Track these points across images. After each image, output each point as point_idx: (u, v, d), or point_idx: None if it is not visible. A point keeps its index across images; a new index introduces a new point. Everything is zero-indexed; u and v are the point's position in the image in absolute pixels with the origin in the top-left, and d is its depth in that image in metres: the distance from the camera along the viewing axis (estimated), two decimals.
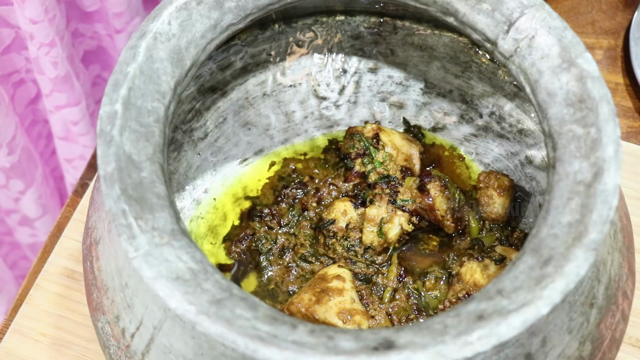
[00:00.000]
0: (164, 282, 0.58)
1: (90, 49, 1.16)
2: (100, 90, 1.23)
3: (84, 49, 1.15)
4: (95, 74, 1.20)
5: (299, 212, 0.87)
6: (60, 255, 0.94)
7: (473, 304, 0.58)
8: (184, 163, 0.86)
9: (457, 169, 0.89)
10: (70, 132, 1.12)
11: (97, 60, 1.18)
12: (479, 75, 0.86)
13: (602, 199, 0.60)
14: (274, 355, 0.55)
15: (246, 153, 0.89)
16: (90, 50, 1.16)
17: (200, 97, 0.85)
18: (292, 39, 0.88)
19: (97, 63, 1.19)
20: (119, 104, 0.64)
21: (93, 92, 1.22)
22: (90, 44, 1.15)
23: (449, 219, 0.84)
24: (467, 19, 0.71)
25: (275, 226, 0.87)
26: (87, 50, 1.16)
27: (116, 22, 1.09)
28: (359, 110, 0.91)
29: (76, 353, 0.89)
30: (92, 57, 1.18)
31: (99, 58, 1.18)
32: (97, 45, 1.15)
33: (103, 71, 1.20)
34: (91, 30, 1.12)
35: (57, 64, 1.01)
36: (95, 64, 1.19)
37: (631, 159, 0.99)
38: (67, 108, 1.08)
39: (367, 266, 0.84)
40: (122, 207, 0.60)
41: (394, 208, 0.84)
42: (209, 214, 0.87)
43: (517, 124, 0.86)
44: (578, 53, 0.66)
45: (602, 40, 1.10)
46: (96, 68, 1.19)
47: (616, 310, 0.70)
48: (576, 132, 0.63)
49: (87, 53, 1.16)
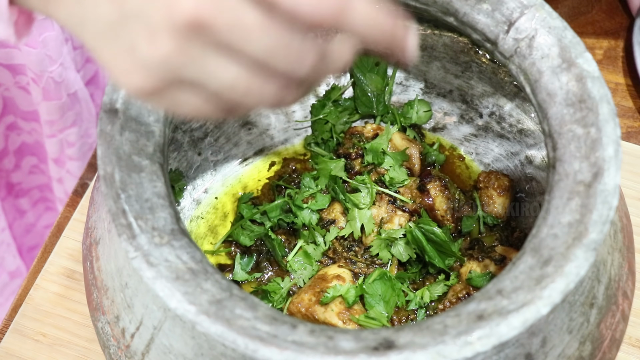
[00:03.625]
0: (164, 282, 0.58)
1: (29, 142, 1.17)
2: (38, 179, 1.24)
3: (21, 140, 1.16)
4: (32, 164, 1.21)
5: None
6: (60, 255, 0.94)
7: (473, 304, 0.58)
8: (184, 163, 0.86)
9: (457, 169, 0.89)
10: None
11: (35, 152, 1.19)
12: (479, 75, 0.86)
13: (602, 199, 0.60)
14: (274, 355, 0.55)
15: (246, 153, 0.89)
16: (29, 143, 1.17)
17: None
18: None
19: (34, 155, 1.19)
20: (119, 103, 0.64)
21: (29, 180, 1.22)
22: (29, 137, 1.16)
23: (449, 219, 0.84)
24: (467, 19, 0.71)
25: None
26: (25, 142, 1.17)
27: (47, 128, 1.09)
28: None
29: (76, 353, 0.89)
30: (30, 149, 1.18)
31: (37, 150, 1.18)
32: (35, 141, 1.16)
33: (41, 163, 1.21)
34: (29, 126, 1.13)
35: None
36: (33, 155, 1.19)
37: (631, 159, 0.99)
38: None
39: (367, 266, 0.84)
40: (122, 207, 0.60)
41: (394, 208, 0.84)
42: (209, 214, 0.87)
43: (517, 124, 0.86)
44: (578, 53, 0.66)
45: (602, 40, 1.10)
46: (33, 159, 1.20)
47: (616, 310, 0.70)
48: (576, 132, 0.63)
49: (25, 144, 1.17)
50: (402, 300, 0.81)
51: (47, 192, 1.25)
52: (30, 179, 1.22)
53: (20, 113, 1.11)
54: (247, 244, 0.85)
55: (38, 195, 1.25)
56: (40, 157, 1.19)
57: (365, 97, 0.89)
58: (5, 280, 1.20)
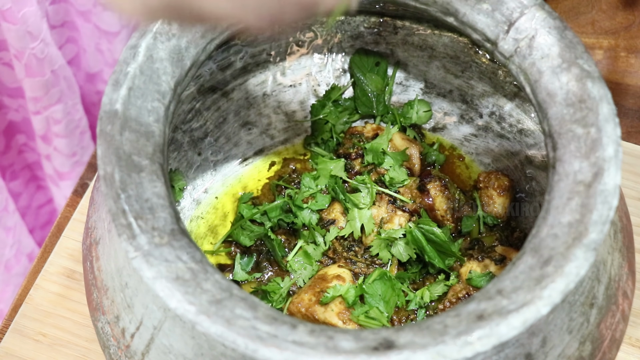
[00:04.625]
0: (164, 282, 0.58)
1: (16, 120, 1.16)
2: (28, 158, 1.23)
3: (9, 120, 1.16)
4: (22, 143, 1.21)
5: None
6: (60, 255, 0.94)
7: (473, 304, 0.58)
8: (184, 163, 0.86)
9: (457, 169, 0.89)
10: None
11: (23, 130, 1.18)
12: (479, 75, 0.86)
13: (602, 199, 0.60)
14: (274, 355, 0.55)
15: (246, 153, 0.89)
16: (16, 121, 1.16)
17: (200, 97, 0.85)
18: (292, 39, 0.88)
19: (23, 133, 1.19)
20: (118, 103, 0.64)
21: (19, 160, 1.22)
22: (16, 115, 1.15)
23: (449, 219, 0.84)
24: (467, 19, 0.71)
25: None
26: (12, 121, 1.16)
27: (32, 105, 1.09)
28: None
29: (76, 353, 0.89)
30: (18, 127, 1.18)
31: (26, 128, 1.18)
32: (23, 117, 1.16)
33: (30, 141, 1.20)
34: (16, 103, 1.13)
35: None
36: (22, 133, 1.19)
37: (631, 159, 0.99)
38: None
39: (367, 266, 0.84)
40: (122, 207, 0.60)
41: (394, 208, 0.84)
42: (209, 214, 0.87)
43: (517, 124, 0.86)
44: (578, 53, 0.66)
45: (602, 40, 1.10)
46: (22, 137, 1.20)
47: (616, 310, 0.70)
48: (576, 132, 0.63)
49: (13, 123, 1.17)
50: (402, 300, 0.81)
51: (37, 170, 1.25)
52: (21, 159, 1.22)
53: (6, 90, 1.10)
54: (247, 244, 0.85)
55: (29, 175, 1.24)
56: (29, 135, 1.19)
57: (365, 97, 0.89)
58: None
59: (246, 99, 0.88)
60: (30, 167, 1.24)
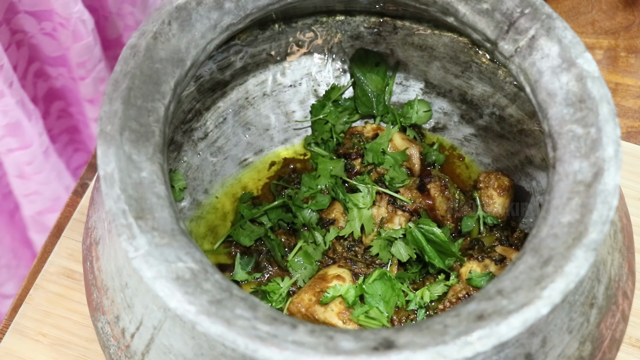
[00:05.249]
0: (164, 282, 0.58)
1: (55, 87, 1.18)
2: (66, 123, 1.25)
3: (48, 86, 1.17)
4: (60, 108, 1.22)
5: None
6: (60, 255, 0.94)
7: (473, 304, 0.58)
8: (184, 163, 0.86)
9: (457, 169, 0.89)
10: (24, 171, 1.14)
11: (62, 96, 1.21)
12: (479, 75, 0.86)
13: (602, 199, 0.60)
14: (274, 355, 0.55)
15: (246, 153, 0.89)
16: (55, 87, 1.18)
17: (200, 97, 0.85)
18: (292, 39, 0.88)
19: (62, 99, 1.21)
20: (118, 103, 0.64)
21: (57, 125, 1.24)
22: (55, 83, 1.17)
23: (449, 219, 0.84)
24: (467, 19, 0.71)
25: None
26: (51, 87, 1.18)
27: (81, 71, 1.10)
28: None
29: (76, 353, 0.89)
30: (57, 94, 1.20)
31: (64, 95, 1.20)
32: (62, 85, 1.17)
33: (69, 106, 1.22)
34: (56, 72, 1.15)
35: (7, 112, 1.02)
36: (60, 100, 1.21)
37: (631, 159, 0.99)
38: (18, 151, 1.10)
39: (367, 266, 0.84)
40: (122, 207, 0.60)
41: (394, 208, 0.84)
42: (209, 214, 0.87)
43: (517, 124, 0.86)
44: (578, 53, 0.66)
45: (602, 40, 1.10)
46: (61, 103, 1.22)
47: (616, 310, 0.70)
48: (576, 132, 0.63)
49: (52, 89, 1.19)
50: (402, 300, 0.81)
51: (75, 134, 1.27)
52: (59, 124, 1.24)
53: (47, 59, 1.12)
54: (247, 244, 0.85)
55: (67, 139, 1.27)
56: (68, 100, 1.21)
57: (365, 97, 0.89)
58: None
59: (246, 99, 0.88)
60: (69, 130, 1.26)
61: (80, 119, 1.24)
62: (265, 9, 0.73)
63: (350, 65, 0.89)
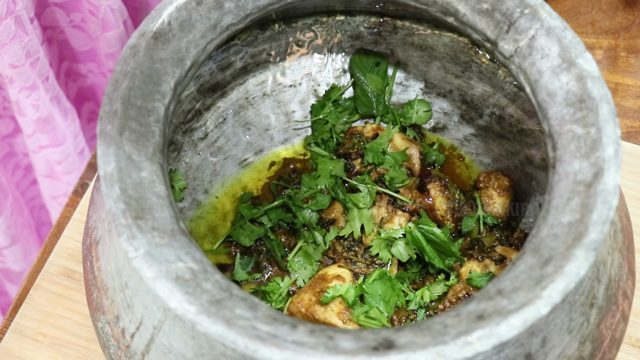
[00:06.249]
0: (164, 282, 0.58)
1: (85, 86, 1.17)
2: (95, 127, 1.24)
3: (78, 87, 1.16)
4: (90, 110, 1.21)
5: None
6: (60, 255, 0.94)
7: (473, 304, 0.58)
8: (183, 163, 0.86)
9: (457, 169, 0.89)
10: (54, 170, 1.13)
11: (92, 97, 1.20)
12: (479, 75, 0.86)
13: (602, 199, 0.60)
14: (274, 355, 0.55)
15: (246, 153, 0.89)
16: (85, 87, 1.17)
17: (200, 97, 0.85)
18: (292, 39, 0.88)
19: (92, 100, 1.20)
20: (119, 103, 0.64)
21: (88, 128, 1.23)
22: (84, 81, 1.16)
23: (449, 219, 0.84)
24: (467, 19, 0.71)
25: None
26: (81, 87, 1.17)
27: (110, 62, 1.10)
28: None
29: (76, 353, 0.89)
30: (87, 94, 1.19)
31: (94, 95, 1.19)
32: (92, 83, 1.16)
33: (98, 107, 1.21)
34: (85, 69, 1.14)
35: (38, 106, 1.02)
36: (90, 100, 1.20)
37: (631, 159, 0.99)
38: (49, 148, 1.09)
39: (367, 266, 0.84)
40: (122, 207, 0.60)
41: (394, 208, 0.84)
42: (209, 214, 0.87)
43: (517, 124, 0.86)
44: (578, 53, 0.66)
45: (602, 40, 1.10)
46: (91, 105, 1.21)
47: (616, 310, 0.70)
48: (576, 132, 0.63)
49: (82, 90, 1.18)
50: (402, 300, 0.81)
51: None
52: (90, 127, 1.23)
53: (75, 56, 1.11)
54: (247, 244, 0.85)
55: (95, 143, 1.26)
56: (97, 101, 1.20)
57: (365, 97, 0.89)
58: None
59: (246, 99, 0.88)
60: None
61: None
62: (265, 9, 0.73)
63: (350, 65, 0.89)
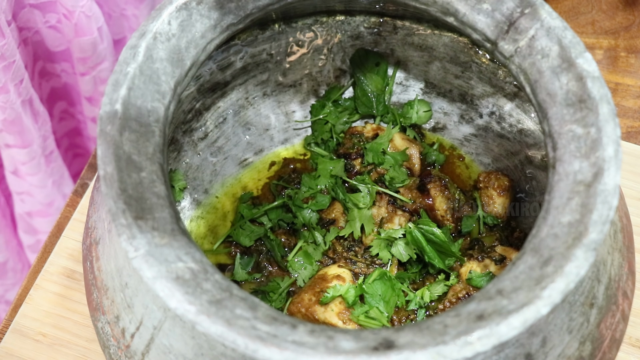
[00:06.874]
0: (164, 282, 0.58)
1: (58, 86, 1.18)
2: (68, 125, 1.25)
3: (51, 86, 1.17)
4: (62, 109, 1.22)
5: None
6: (60, 255, 0.94)
7: (473, 304, 0.58)
8: (183, 163, 0.86)
9: (457, 169, 0.89)
10: (19, 169, 1.13)
11: (64, 96, 1.20)
12: (479, 75, 0.86)
13: (602, 199, 0.60)
14: (274, 355, 0.55)
15: (246, 153, 0.89)
16: (58, 87, 1.18)
17: (200, 97, 0.85)
18: (292, 39, 0.88)
19: (64, 99, 1.21)
20: (118, 103, 0.64)
21: (59, 128, 1.23)
22: (58, 81, 1.17)
23: (449, 219, 0.84)
24: (467, 19, 0.71)
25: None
26: (54, 87, 1.17)
27: (80, 66, 1.10)
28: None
29: (76, 353, 0.89)
30: (60, 94, 1.20)
31: (66, 95, 1.20)
32: (64, 83, 1.17)
33: (70, 107, 1.22)
34: (59, 68, 1.14)
35: (5, 108, 1.02)
36: (63, 100, 1.21)
37: (631, 159, 0.99)
38: (15, 148, 1.10)
39: (367, 266, 0.84)
40: (122, 207, 0.60)
41: (394, 208, 0.84)
42: (209, 214, 0.87)
43: (517, 124, 0.86)
44: (578, 53, 0.66)
45: (602, 40, 1.10)
46: (63, 104, 1.21)
47: (616, 310, 0.70)
48: (576, 132, 0.63)
49: (55, 89, 1.18)
50: (402, 300, 0.81)
51: (76, 138, 1.27)
52: (61, 127, 1.24)
53: (49, 56, 1.12)
54: (247, 244, 0.85)
55: (67, 143, 1.26)
56: (70, 100, 1.20)
57: (365, 97, 0.89)
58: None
59: (246, 99, 0.88)
60: (69, 135, 1.26)
61: (81, 119, 1.23)
62: (265, 9, 0.73)
63: (350, 65, 0.89)
